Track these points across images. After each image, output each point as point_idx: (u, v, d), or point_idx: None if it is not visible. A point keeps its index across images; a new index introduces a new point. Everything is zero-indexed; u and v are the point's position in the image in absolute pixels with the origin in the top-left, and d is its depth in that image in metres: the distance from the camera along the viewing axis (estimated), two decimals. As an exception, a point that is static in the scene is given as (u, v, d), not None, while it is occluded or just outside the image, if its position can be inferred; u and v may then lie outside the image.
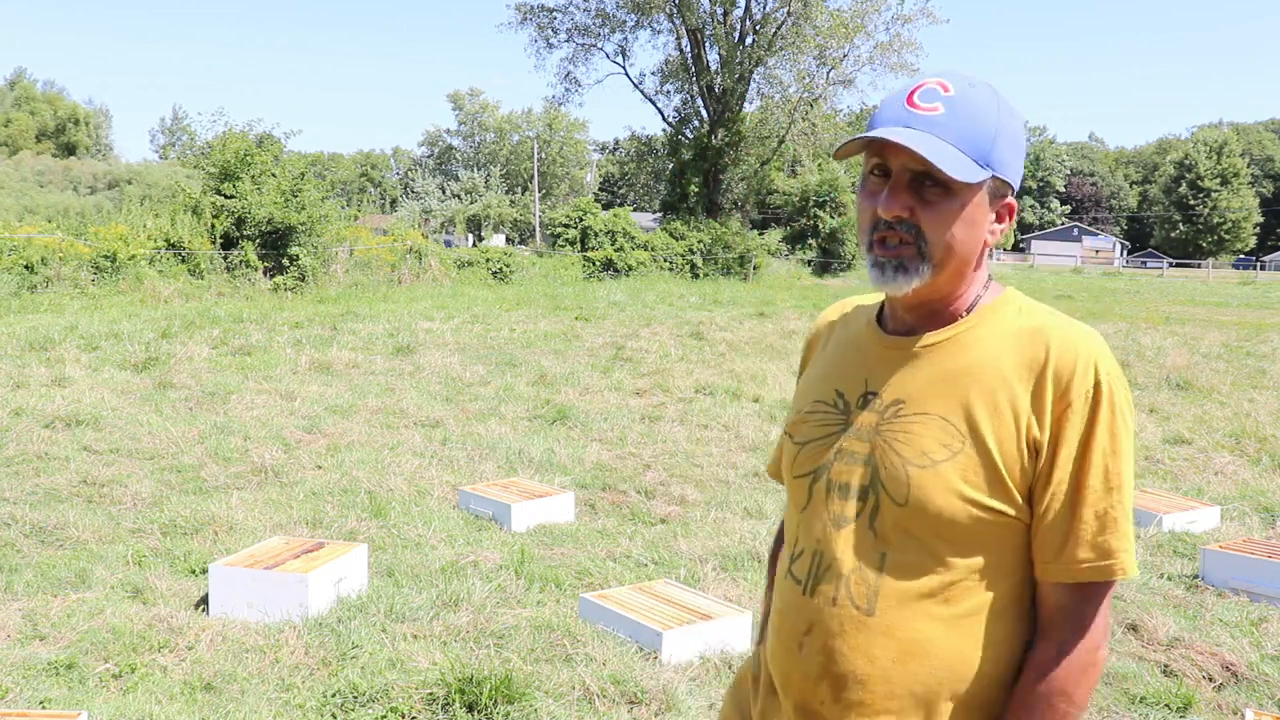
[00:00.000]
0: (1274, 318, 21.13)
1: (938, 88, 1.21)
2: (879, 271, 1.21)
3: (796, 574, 1.27)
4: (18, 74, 73.66)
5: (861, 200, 1.25)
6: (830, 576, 1.22)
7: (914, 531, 1.18)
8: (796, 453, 1.31)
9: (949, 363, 1.22)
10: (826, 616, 1.21)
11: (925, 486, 1.17)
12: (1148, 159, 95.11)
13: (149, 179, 52.13)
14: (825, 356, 1.38)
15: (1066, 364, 1.18)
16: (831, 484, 1.25)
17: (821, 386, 1.33)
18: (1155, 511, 5.53)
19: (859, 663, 1.19)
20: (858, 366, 1.30)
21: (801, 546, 1.28)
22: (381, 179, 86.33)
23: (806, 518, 1.27)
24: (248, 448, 6.84)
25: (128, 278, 18.65)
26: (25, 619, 3.94)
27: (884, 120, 1.20)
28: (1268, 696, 3.50)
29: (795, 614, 1.25)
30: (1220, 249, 73.69)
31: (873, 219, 1.21)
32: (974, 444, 1.17)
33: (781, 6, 34.23)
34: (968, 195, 1.19)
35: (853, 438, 1.25)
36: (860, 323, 1.36)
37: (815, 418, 1.31)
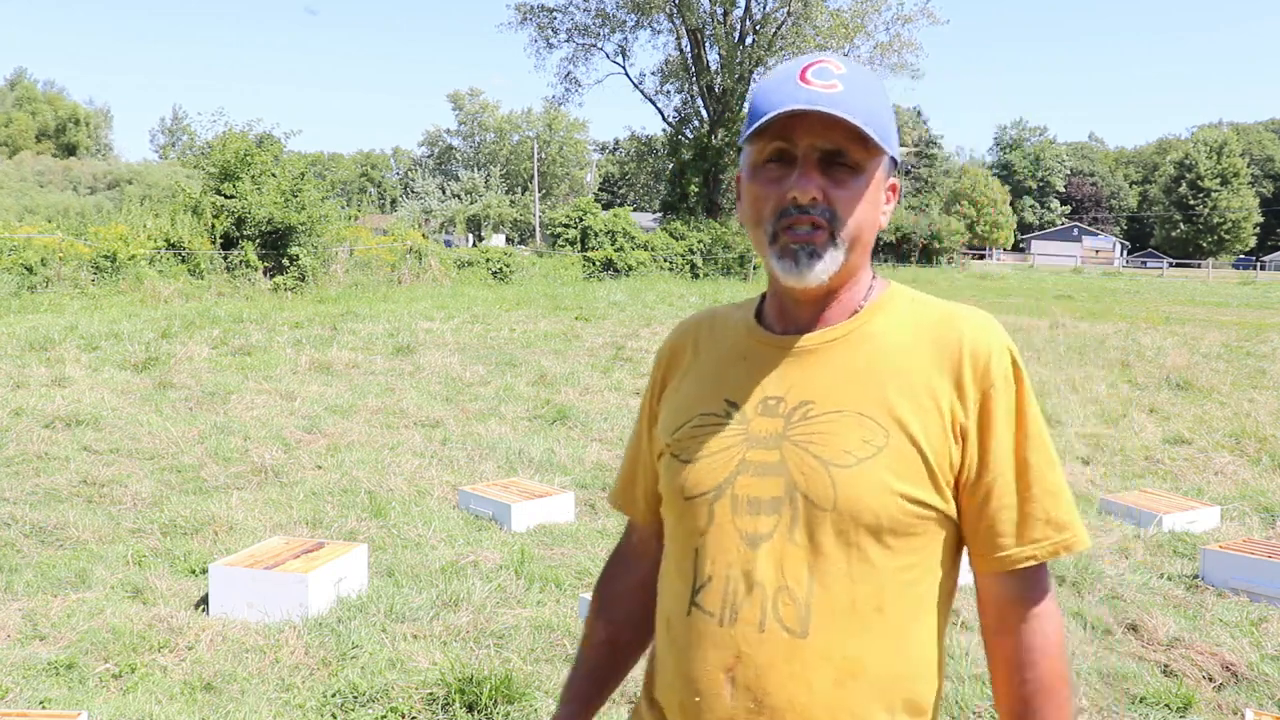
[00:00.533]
0: (1274, 318, 21.13)
1: (829, 66, 1.13)
2: (791, 262, 1.12)
3: (706, 606, 1.12)
4: (18, 74, 73.68)
5: (759, 189, 1.14)
6: (752, 601, 1.10)
7: (844, 537, 1.09)
8: (687, 472, 1.17)
9: (856, 357, 1.16)
10: (754, 647, 1.09)
11: (853, 486, 1.09)
12: (1148, 159, 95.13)
13: (149, 179, 52.15)
14: (699, 370, 1.26)
15: (982, 348, 1.17)
16: (738, 500, 1.13)
17: (705, 399, 1.21)
18: (1155, 511, 5.53)
19: (798, 693, 1.08)
20: (748, 372, 1.20)
21: (708, 574, 1.13)
22: (381, 179, 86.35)
23: (710, 541, 1.14)
24: (248, 448, 6.84)
25: (128, 278, 18.66)
26: (25, 619, 3.94)
27: (780, 101, 1.10)
28: (1268, 696, 3.50)
29: (713, 650, 1.11)
30: (1220, 249, 73.72)
31: (777, 207, 1.12)
32: (899, 437, 1.11)
33: (781, 6, 34.26)
34: (872, 173, 1.14)
35: (757, 448, 1.14)
36: (734, 329, 1.26)
37: (704, 432, 1.18)
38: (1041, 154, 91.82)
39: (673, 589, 1.18)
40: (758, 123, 1.11)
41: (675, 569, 1.19)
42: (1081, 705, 3.42)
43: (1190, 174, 74.69)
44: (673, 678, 1.16)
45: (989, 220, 67.71)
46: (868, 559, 1.10)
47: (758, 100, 1.13)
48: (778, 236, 1.13)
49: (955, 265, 44.60)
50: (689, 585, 1.15)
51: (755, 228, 1.16)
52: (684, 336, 1.32)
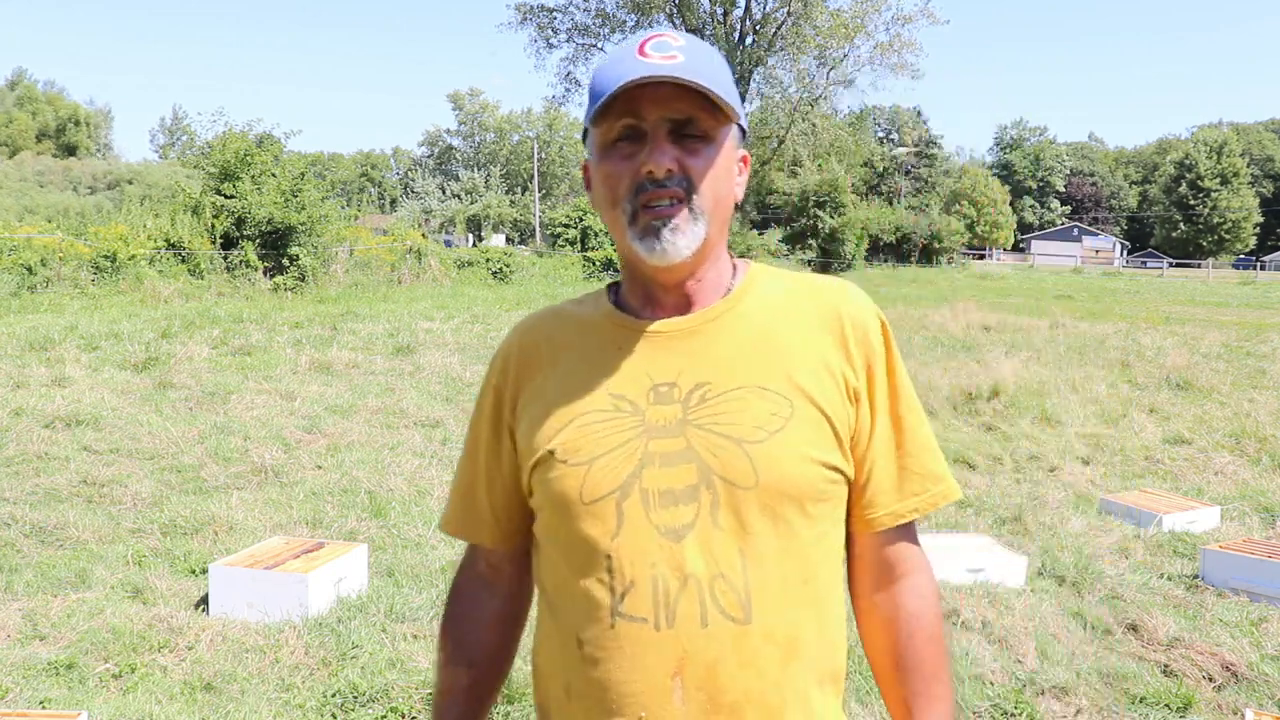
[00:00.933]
0: (1274, 318, 21.13)
1: (668, 39, 1.10)
2: (654, 239, 1.08)
3: (635, 613, 1.06)
4: (18, 74, 73.68)
5: (611, 167, 1.10)
6: (688, 596, 1.05)
7: (770, 513, 1.07)
8: (583, 475, 1.09)
9: (741, 333, 1.15)
10: (700, 644, 1.04)
11: (772, 459, 1.07)
12: (1148, 159, 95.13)
13: (149, 179, 52.16)
14: (566, 368, 1.17)
15: (858, 313, 1.18)
16: (648, 494, 1.07)
17: (585, 396, 1.13)
18: (1155, 511, 5.54)
19: (751, 682, 1.06)
20: (629, 362, 1.14)
21: (630, 578, 1.06)
22: (381, 179, 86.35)
23: (626, 544, 1.07)
24: (248, 448, 6.84)
25: (128, 278, 18.65)
26: (25, 619, 3.94)
27: (622, 75, 1.06)
28: (1268, 696, 3.50)
29: (653, 657, 1.05)
30: (1220, 249, 73.71)
31: (633, 184, 1.09)
32: (804, 405, 1.11)
33: (781, 7, 34.28)
34: (723, 142, 1.12)
35: (658, 437, 1.09)
36: (594, 322, 1.20)
37: (594, 430, 1.11)
38: (1041, 154, 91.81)
39: (579, 606, 1.09)
40: (603, 99, 1.07)
41: (577, 583, 1.10)
42: (1081, 705, 3.43)
43: (1190, 174, 74.68)
44: (595, 703, 1.08)
45: (989, 220, 67.68)
46: (793, 531, 1.09)
47: (598, 80, 1.10)
48: (637, 215, 1.09)
49: (955, 265, 44.59)
50: (607, 596, 1.07)
51: (612, 209, 1.12)
52: (530, 336, 1.23)
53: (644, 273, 1.15)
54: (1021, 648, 3.83)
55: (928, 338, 14.41)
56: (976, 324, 15.88)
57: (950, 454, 7.19)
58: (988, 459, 7.11)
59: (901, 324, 16.27)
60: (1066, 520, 5.64)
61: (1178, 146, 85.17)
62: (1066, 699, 3.46)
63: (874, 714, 3.32)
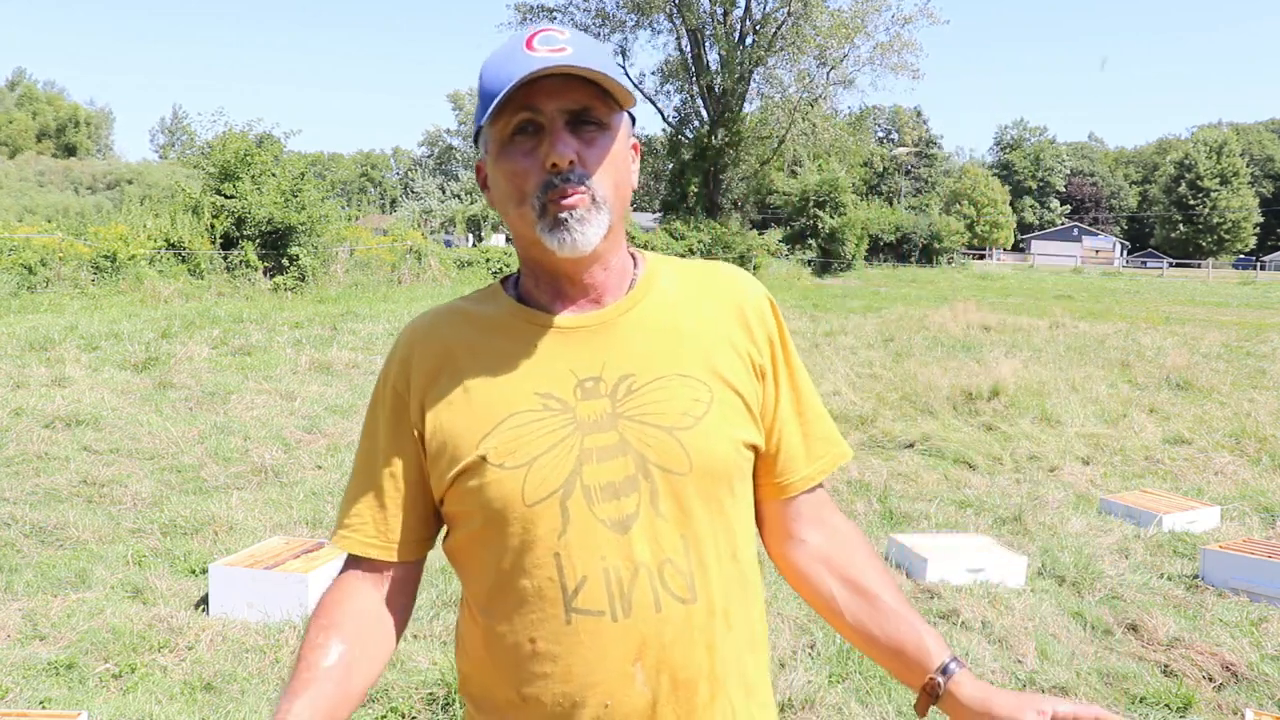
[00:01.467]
0: (1274, 318, 21.13)
1: (553, 33, 1.11)
2: (564, 232, 1.08)
3: (590, 606, 1.07)
4: (18, 74, 73.67)
5: (514, 165, 1.10)
6: (640, 585, 1.08)
7: (704, 495, 1.12)
8: (522, 477, 1.09)
9: (653, 322, 1.17)
10: (656, 628, 1.08)
11: (702, 444, 1.11)
12: (1148, 159, 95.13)
13: (149, 179, 52.16)
14: (478, 371, 1.14)
15: (751, 293, 1.23)
16: (590, 490, 1.08)
17: (507, 398, 1.12)
18: (1155, 511, 5.54)
19: (703, 657, 1.11)
20: (548, 360, 1.13)
21: (581, 574, 1.07)
22: (381, 179, 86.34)
23: (574, 541, 1.08)
24: (248, 448, 6.84)
25: (128, 278, 18.65)
26: (25, 619, 3.94)
27: (513, 72, 1.06)
28: (1268, 696, 3.50)
29: (614, 647, 1.07)
30: (1220, 249, 73.72)
31: (539, 179, 1.09)
32: (721, 388, 1.15)
33: (781, 7, 34.24)
34: (616, 129, 1.13)
35: (592, 433, 1.10)
36: (500, 320, 1.17)
37: (526, 431, 1.10)
38: (1041, 154, 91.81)
39: (527, 609, 1.09)
40: (499, 96, 1.06)
41: (521, 586, 1.09)
42: (1081, 705, 3.42)
43: (1190, 174, 74.69)
44: (556, 701, 1.09)
45: (989, 220, 67.67)
46: (723, 509, 1.14)
47: (489, 78, 1.10)
48: (546, 209, 1.09)
49: (955, 265, 44.59)
50: (559, 594, 1.08)
51: (519, 206, 1.11)
52: (429, 338, 1.19)
53: (551, 266, 1.15)
54: (1021, 648, 3.83)
55: (928, 338, 14.41)
56: (976, 324, 15.88)
57: (950, 454, 7.19)
58: (988, 459, 7.11)
59: (901, 324, 16.28)
60: (1066, 520, 5.64)
61: (1178, 146, 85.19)
62: (1066, 699, 3.46)
63: (874, 714, 3.32)
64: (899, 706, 3.36)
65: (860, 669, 3.61)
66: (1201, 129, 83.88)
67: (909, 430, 7.86)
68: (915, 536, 4.97)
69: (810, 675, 3.53)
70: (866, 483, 6.38)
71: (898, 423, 8.18)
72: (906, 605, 1.24)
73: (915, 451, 7.35)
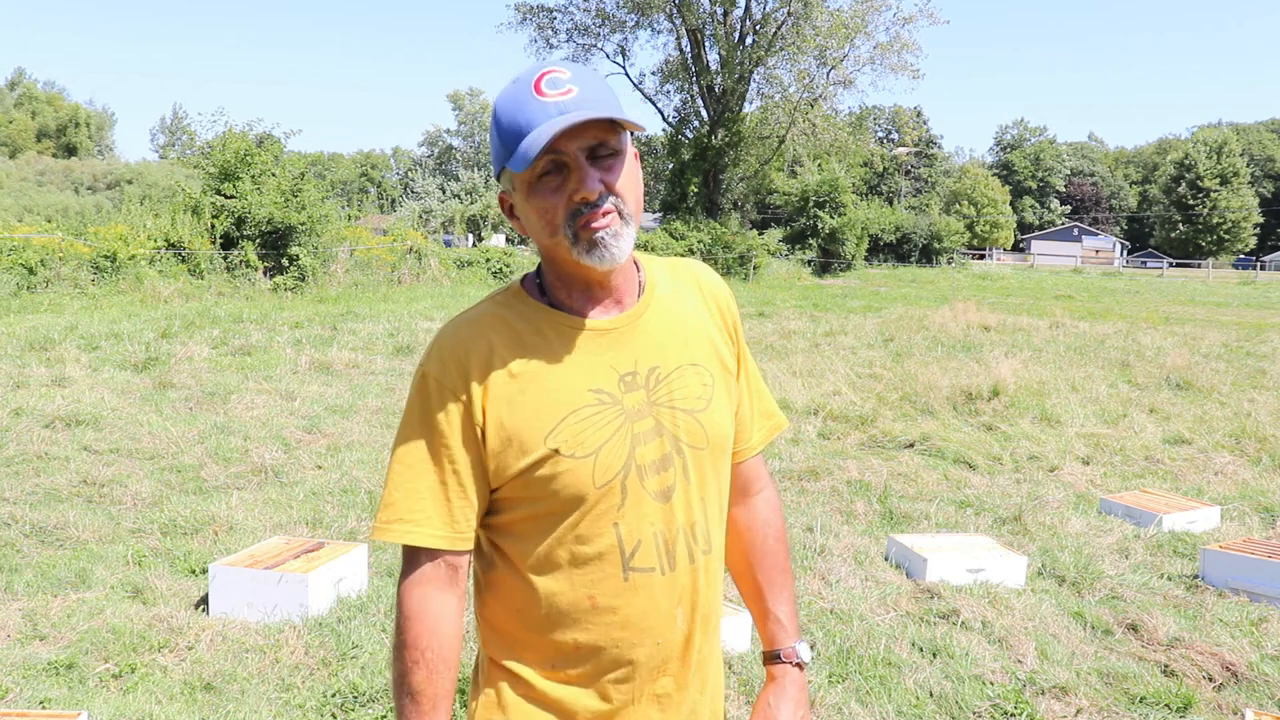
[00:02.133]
0: (1274, 318, 21.13)
1: (557, 75, 1.24)
2: (602, 250, 1.24)
3: (644, 565, 1.30)
4: (18, 74, 73.64)
5: (544, 202, 1.25)
6: (682, 543, 1.32)
7: (713, 465, 1.36)
8: (592, 463, 1.27)
9: (663, 319, 1.36)
10: (690, 577, 1.33)
11: (714, 423, 1.36)
12: (1148, 159, 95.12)
13: (148, 179, 52.16)
14: (533, 373, 1.28)
15: (718, 288, 1.46)
16: (642, 469, 1.29)
17: (568, 395, 1.27)
18: (1155, 511, 5.54)
19: (714, 593, 1.38)
20: (594, 359, 1.30)
21: (636, 539, 1.29)
22: (381, 179, 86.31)
23: (629, 513, 1.29)
24: (248, 448, 6.84)
25: (128, 278, 18.65)
26: (25, 619, 3.94)
27: (534, 121, 1.21)
28: (1268, 696, 3.50)
29: (663, 597, 1.31)
30: (1220, 249, 73.70)
31: (567, 211, 1.24)
32: (720, 372, 1.39)
33: (781, 7, 34.23)
34: (626, 151, 1.28)
35: (636, 420, 1.30)
36: (539, 327, 1.31)
37: (590, 423, 1.27)
38: (1041, 154, 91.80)
39: (589, 572, 1.29)
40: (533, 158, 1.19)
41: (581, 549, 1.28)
42: (1081, 705, 3.43)
43: (1190, 174, 74.67)
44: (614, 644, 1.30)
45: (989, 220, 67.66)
46: (721, 474, 1.40)
47: (508, 123, 1.23)
48: (579, 235, 1.24)
49: (955, 265, 44.59)
50: (619, 558, 1.29)
51: (553, 236, 1.26)
52: (476, 346, 1.30)
53: (584, 276, 1.30)
54: (1021, 648, 3.83)
55: (928, 338, 14.41)
56: (976, 324, 15.88)
57: (950, 454, 7.19)
58: (988, 459, 7.11)
59: (901, 324, 16.28)
60: (1066, 520, 5.64)
61: (1178, 146, 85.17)
62: (1066, 699, 3.46)
63: (874, 714, 3.32)
64: (899, 706, 3.36)
65: (860, 669, 3.62)
66: (1201, 129, 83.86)
67: (909, 430, 7.86)
68: (915, 536, 4.97)
69: (810, 675, 3.53)
70: (866, 483, 6.38)
71: (898, 423, 8.18)
72: (782, 582, 1.54)
73: (915, 451, 7.35)
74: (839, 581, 4.55)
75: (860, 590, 4.45)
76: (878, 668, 3.63)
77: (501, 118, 1.25)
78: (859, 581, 4.56)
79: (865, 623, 4.06)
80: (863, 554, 4.92)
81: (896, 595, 4.40)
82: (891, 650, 3.78)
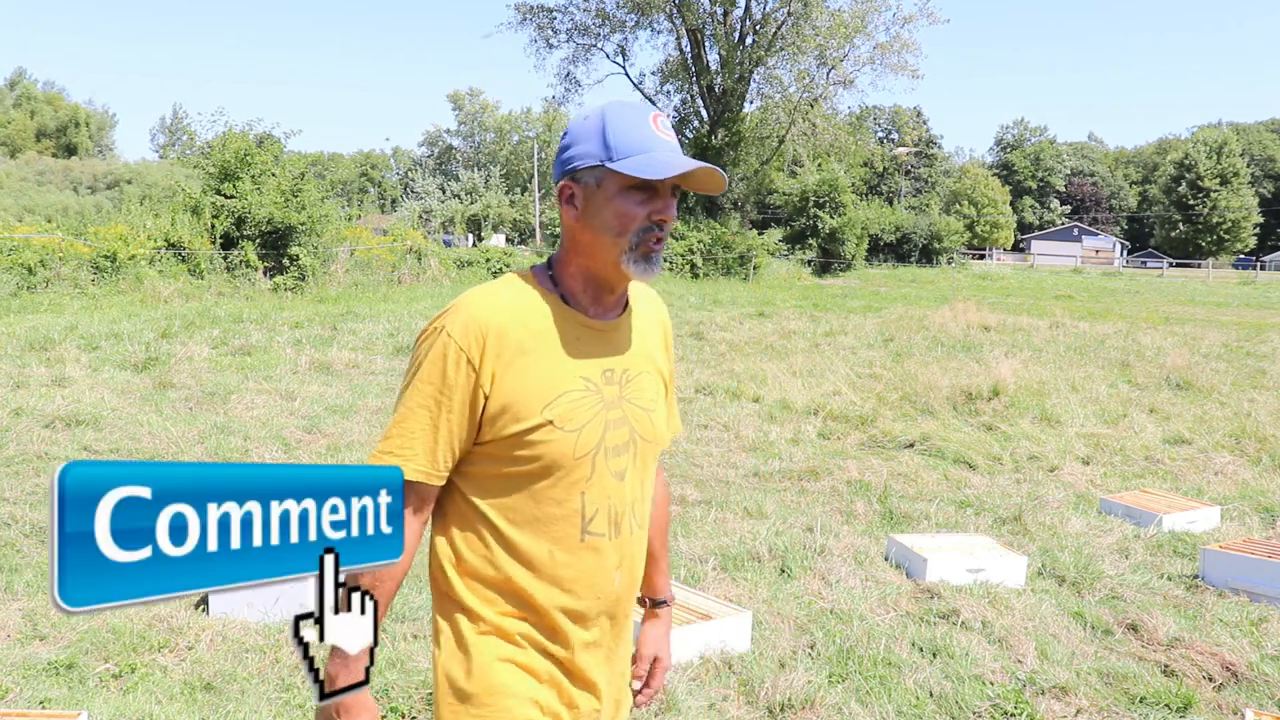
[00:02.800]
0: (1274, 318, 21.13)
1: (665, 120, 1.53)
2: (652, 266, 1.50)
3: (597, 530, 1.54)
4: (17, 74, 73.63)
5: (628, 209, 1.47)
6: (626, 517, 1.57)
7: (653, 456, 1.62)
8: (575, 438, 1.50)
9: (636, 330, 1.61)
10: (630, 545, 1.59)
11: (659, 422, 1.62)
12: (1148, 159, 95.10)
13: (148, 179, 52.16)
14: (540, 353, 1.50)
15: (663, 312, 1.74)
16: (607, 450, 1.53)
17: (563, 377, 1.50)
18: (1155, 511, 5.54)
19: (641, 564, 1.65)
20: (588, 351, 1.53)
21: (595, 508, 1.53)
22: (381, 179, 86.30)
23: (594, 485, 1.53)
24: (248, 448, 6.84)
25: (128, 278, 18.65)
26: (25, 619, 3.94)
27: (656, 147, 1.47)
28: (1268, 696, 3.50)
29: (609, 557, 1.56)
30: (1220, 249, 73.68)
31: (642, 225, 1.48)
32: (660, 383, 1.66)
33: (781, 7, 34.25)
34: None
35: (610, 409, 1.53)
36: (553, 317, 1.52)
37: (578, 404, 1.50)
38: (1041, 154, 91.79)
39: (554, 529, 1.52)
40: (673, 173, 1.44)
41: (551, 509, 1.52)
42: (1081, 705, 3.43)
43: (1190, 174, 74.64)
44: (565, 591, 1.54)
45: (989, 220, 67.65)
46: (654, 464, 1.65)
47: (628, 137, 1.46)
48: (638, 247, 1.48)
49: (955, 265, 44.59)
50: (578, 521, 1.53)
51: (618, 237, 1.48)
52: (497, 320, 1.49)
53: (608, 281, 1.54)
54: (1021, 648, 3.83)
55: (928, 338, 14.41)
56: (976, 324, 15.88)
57: (950, 454, 7.19)
58: (988, 459, 7.11)
59: (901, 324, 16.28)
60: (1066, 520, 5.64)
61: (1178, 146, 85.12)
62: (1066, 699, 3.46)
63: (874, 714, 3.32)
64: (899, 706, 3.36)
65: (860, 669, 3.62)
66: (1201, 129, 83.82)
67: (909, 430, 7.86)
68: (915, 536, 4.97)
69: (810, 675, 3.53)
70: (866, 483, 6.38)
71: (898, 423, 8.18)
72: (666, 546, 1.85)
73: (915, 451, 7.35)
74: (839, 581, 4.55)
75: (860, 590, 4.45)
76: (878, 668, 3.63)
77: (618, 126, 1.47)
78: (859, 581, 4.56)
79: (865, 623, 4.06)
80: (863, 554, 4.92)
81: (896, 595, 4.40)
82: (891, 650, 3.78)
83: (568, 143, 1.51)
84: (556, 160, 1.55)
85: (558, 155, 1.54)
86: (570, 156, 1.50)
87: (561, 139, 1.54)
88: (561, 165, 1.52)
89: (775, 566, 4.75)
